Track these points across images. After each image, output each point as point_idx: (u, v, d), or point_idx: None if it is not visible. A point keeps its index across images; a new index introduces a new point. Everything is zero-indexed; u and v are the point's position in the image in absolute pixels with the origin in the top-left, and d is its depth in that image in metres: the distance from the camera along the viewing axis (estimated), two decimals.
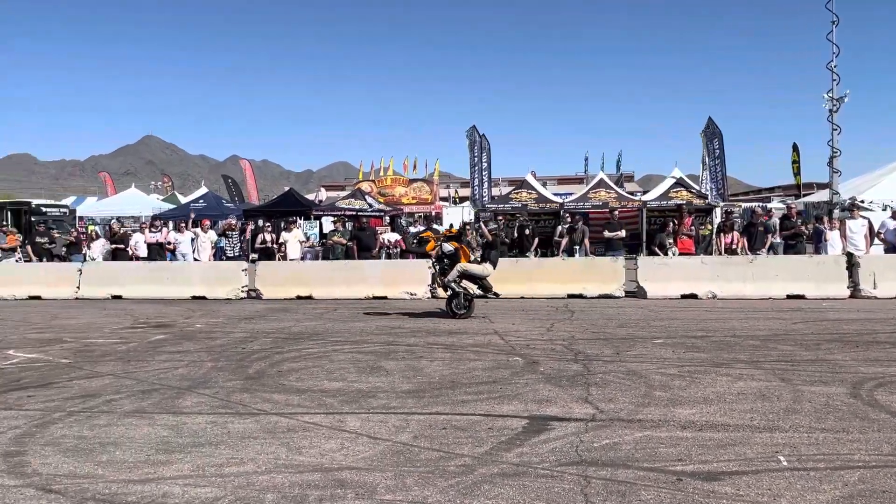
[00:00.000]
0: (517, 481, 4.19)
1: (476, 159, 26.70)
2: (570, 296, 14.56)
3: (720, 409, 5.72)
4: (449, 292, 11.87)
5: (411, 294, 15.06)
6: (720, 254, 16.47)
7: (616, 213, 19.37)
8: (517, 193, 25.96)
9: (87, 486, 4.26)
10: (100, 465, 4.66)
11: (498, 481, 4.20)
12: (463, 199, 54.25)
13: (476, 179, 26.90)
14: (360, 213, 24.31)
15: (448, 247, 11.89)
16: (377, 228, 21.68)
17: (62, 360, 8.48)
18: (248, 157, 55.20)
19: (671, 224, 17.07)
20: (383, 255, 19.43)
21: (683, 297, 14.11)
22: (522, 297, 14.48)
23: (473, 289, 11.89)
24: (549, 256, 18.29)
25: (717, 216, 23.43)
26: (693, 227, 17.14)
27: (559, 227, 19.14)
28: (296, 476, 4.38)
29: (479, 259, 12.26)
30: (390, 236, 20.69)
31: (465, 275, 11.78)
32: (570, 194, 31.55)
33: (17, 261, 18.72)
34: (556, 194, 30.38)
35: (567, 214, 22.73)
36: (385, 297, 14.95)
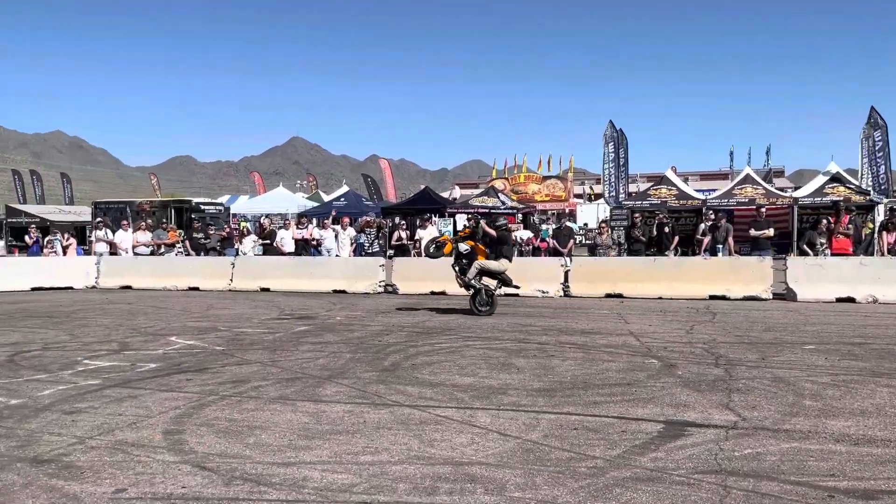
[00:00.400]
0: (651, 487, 4.05)
1: (612, 155, 26.09)
2: (712, 297, 13.91)
3: (879, 423, 5.25)
4: (471, 291, 12.15)
5: (543, 292, 14.95)
6: (882, 254, 15.15)
7: (763, 210, 18.26)
8: (656, 190, 25.13)
9: (235, 466, 4.56)
10: (248, 446, 4.97)
11: (630, 485, 4.08)
12: (598, 196, 53.20)
13: (612, 176, 26.29)
14: (492, 211, 24.43)
15: (464, 246, 12.26)
16: (510, 226, 21.68)
17: (216, 348, 9.12)
18: (387, 157, 57.02)
19: (824, 222, 15.89)
20: (515, 252, 19.41)
21: (839, 300, 13.11)
22: (660, 298, 14.00)
23: (493, 284, 12.21)
24: (690, 255, 17.56)
25: (880, 214, 21.55)
26: (851, 226, 15.84)
27: (701, 225, 18.32)
28: (427, 468, 4.46)
29: (493, 256, 12.32)
30: (522, 234, 20.63)
31: (483, 272, 12.11)
32: (714, 190, 30.12)
33: (176, 254, 20.34)
34: (698, 190, 29.13)
35: (710, 211, 21.70)
36: (517, 295, 14.93)
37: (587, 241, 29.82)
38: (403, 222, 21.63)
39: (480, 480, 4.22)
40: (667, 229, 17.55)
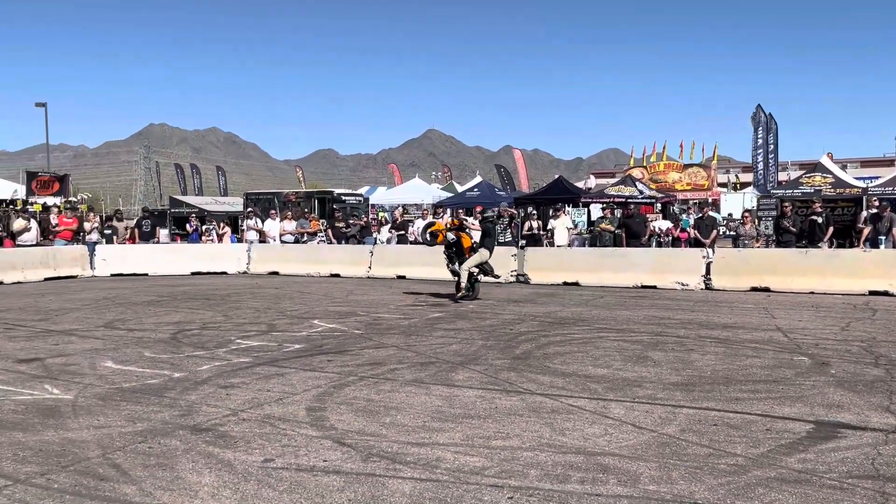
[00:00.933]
0: (798, 489, 3.82)
1: (761, 141, 24.65)
2: (872, 293, 12.83)
3: None
4: (456, 277, 13.02)
5: (683, 284, 14.39)
6: None
7: None
8: (809, 178, 23.50)
9: (373, 444, 4.75)
10: (384, 426, 5.17)
11: (775, 486, 3.87)
12: (744, 185, 50.37)
13: (760, 163, 24.83)
14: (629, 200, 23.77)
15: (451, 236, 13.06)
16: (647, 216, 21.04)
17: (355, 331, 9.51)
18: (520, 147, 56.87)
19: None
20: (654, 242, 18.83)
21: None
22: (812, 293, 13.09)
23: (475, 272, 12.92)
24: (847, 248, 16.27)
25: None
26: None
27: (862, 214, 16.93)
28: (559, 456, 4.45)
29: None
30: (661, 224, 19.95)
31: (470, 264, 12.80)
32: (877, 178, 27.73)
33: (319, 243, 21.34)
34: (857, 178, 26.93)
35: (874, 199, 20.01)
36: (654, 287, 14.48)
37: (730, 233, 28.37)
38: (535, 212, 21.50)
39: (613, 471, 4.16)
40: (820, 220, 16.36)
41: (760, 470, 4.13)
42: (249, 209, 25.27)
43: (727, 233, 28.79)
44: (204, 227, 23.62)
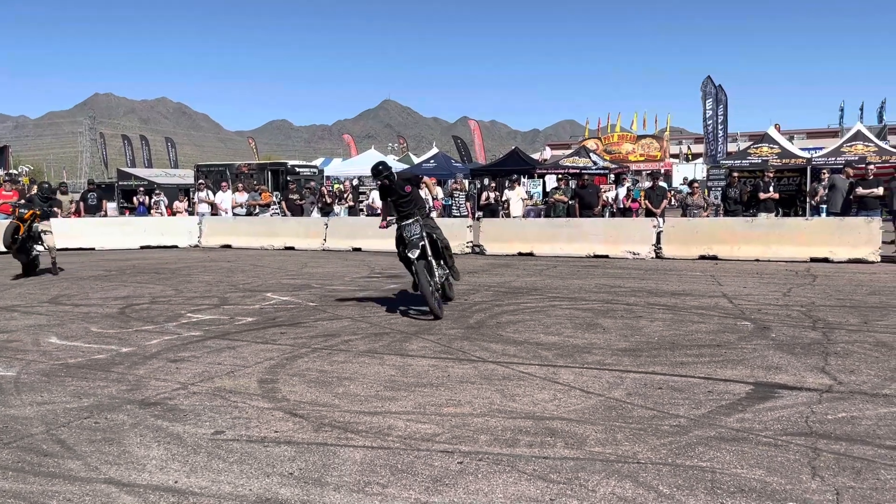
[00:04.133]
0: (736, 446, 3.97)
1: (710, 112, 25.05)
2: (814, 259, 13.27)
3: None
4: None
5: (634, 253, 14.66)
6: None
7: (872, 168, 17.13)
8: (757, 148, 23.97)
9: (325, 414, 4.76)
10: (336, 396, 5.18)
11: (714, 444, 4.01)
12: (696, 157, 51.27)
13: (710, 134, 25.26)
14: (583, 171, 23.99)
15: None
16: (601, 186, 21.29)
17: (309, 304, 9.46)
18: (478, 118, 56.66)
19: None
20: (606, 213, 19.07)
21: None
22: (757, 260, 13.48)
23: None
24: (792, 217, 16.74)
25: None
26: None
27: (815, 185, 17.37)
28: (508, 421, 4.53)
29: None
30: (613, 194, 20.20)
31: None
32: (821, 149, 28.48)
33: (272, 215, 21.07)
34: (803, 149, 27.62)
35: (822, 173, 20.57)
36: (606, 256, 14.71)
37: (677, 203, 28.89)
38: (493, 184, 21.56)
39: (561, 434, 4.25)
40: (767, 189, 16.77)
41: (701, 430, 4.28)
42: (200, 181, 24.76)
43: (676, 204, 29.34)
44: (152, 201, 23.07)
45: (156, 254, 17.81)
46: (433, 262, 8.43)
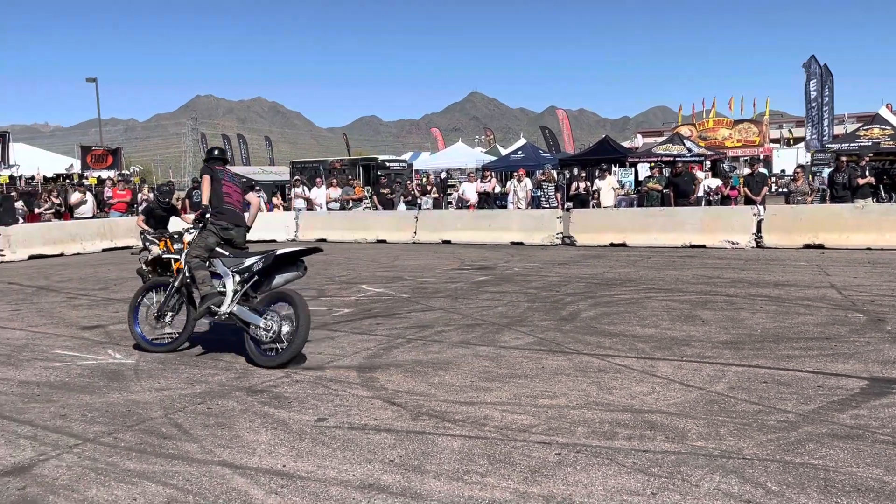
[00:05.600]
0: (850, 444, 3.79)
1: (814, 94, 23.78)
2: None
3: None
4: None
5: (733, 243, 14.13)
6: None
7: None
8: (867, 130, 22.60)
9: (422, 403, 4.85)
10: (432, 385, 5.27)
11: (826, 441, 3.84)
12: (798, 140, 48.86)
13: (815, 117, 24.00)
14: (677, 159, 23.29)
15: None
16: (696, 174, 20.61)
17: (402, 295, 9.63)
18: (565, 108, 55.99)
19: None
20: (703, 201, 18.47)
21: None
22: (869, 249, 12.74)
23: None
24: None
25: None
26: None
27: None
28: (606, 414, 4.48)
29: None
30: (711, 182, 19.54)
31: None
32: None
33: (363, 209, 21.51)
34: None
35: None
36: (703, 246, 14.25)
37: (782, 190, 27.60)
38: (583, 174, 21.25)
39: (661, 428, 4.17)
40: (864, 174, 15.75)
41: (811, 426, 4.10)
42: (296, 177, 25.55)
43: (779, 190, 28.07)
44: None
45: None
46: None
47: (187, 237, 7.52)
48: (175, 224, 11.07)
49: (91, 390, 5.44)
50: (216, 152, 7.12)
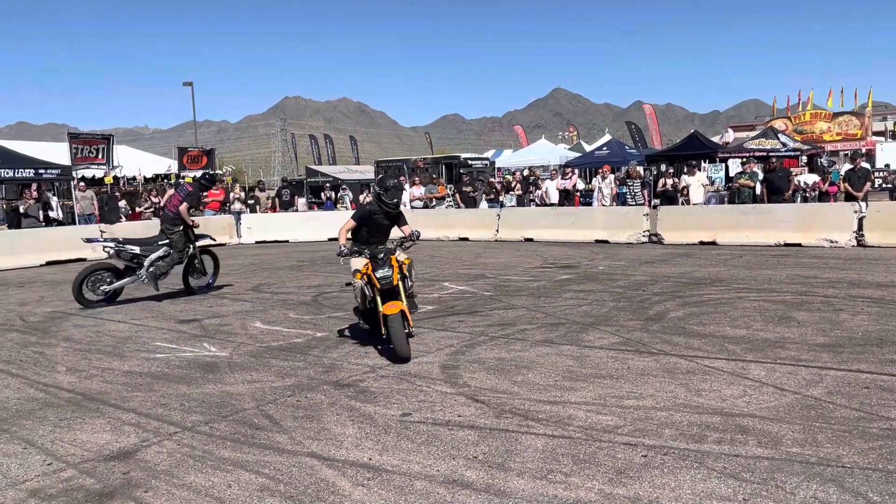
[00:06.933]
0: None
1: None
2: None
3: None
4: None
5: (832, 241, 13.46)
6: None
7: None
8: None
9: (505, 401, 4.86)
10: (515, 384, 5.26)
11: None
12: None
13: None
14: (770, 154, 22.36)
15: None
16: (791, 170, 19.73)
17: (485, 293, 9.65)
18: (652, 102, 54.71)
19: None
20: (798, 198, 17.67)
21: None
22: None
23: None
24: None
25: None
26: None
27: None
28: (694, 416, 4.37)
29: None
30: (807, 178, 18.67)
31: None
32: None
33: (446, 207, 21.64)
34: None
35: None
36: (799, 245, 13.64)
37: (886, 185, 26.05)
38: (671, 170, 20.71)
39: (753, 433, 4.04)
40: None
41: None
42: (381, 176, 25.99)
43: (882, 185, 26.52)
44: (338, 196, 24.55)
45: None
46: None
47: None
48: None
49: (188, 381, 5.71)
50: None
